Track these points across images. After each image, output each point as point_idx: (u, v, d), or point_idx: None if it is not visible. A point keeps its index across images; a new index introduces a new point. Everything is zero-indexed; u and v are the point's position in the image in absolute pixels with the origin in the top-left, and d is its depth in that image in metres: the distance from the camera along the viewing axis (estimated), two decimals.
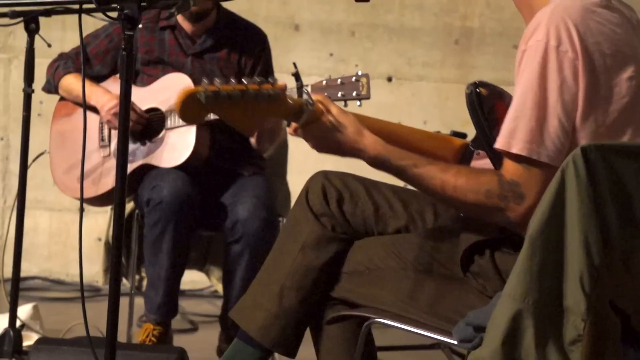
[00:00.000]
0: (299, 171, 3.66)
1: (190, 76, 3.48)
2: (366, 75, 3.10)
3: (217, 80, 2.03)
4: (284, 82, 2.13)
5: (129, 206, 3.57)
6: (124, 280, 3.64)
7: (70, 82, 3.59)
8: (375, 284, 2.23)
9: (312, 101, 2.11)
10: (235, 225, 3.37)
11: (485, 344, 1.88)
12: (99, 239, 4.46)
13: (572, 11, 2.01)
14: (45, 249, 4.82)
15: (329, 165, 2.50)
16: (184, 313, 4.17)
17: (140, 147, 3.50)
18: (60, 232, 4.82)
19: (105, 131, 3.57)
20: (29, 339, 3.25)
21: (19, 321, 3.14)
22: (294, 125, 2.14)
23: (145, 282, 3.61)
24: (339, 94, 3.11)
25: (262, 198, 3.41)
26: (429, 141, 2.28)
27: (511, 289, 1.84)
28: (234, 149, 3.55)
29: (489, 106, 2.13)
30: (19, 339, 3.08)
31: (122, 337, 3.20)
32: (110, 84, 3.59)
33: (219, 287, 3.70)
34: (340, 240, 2.29)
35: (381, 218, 2.31)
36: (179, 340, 3.55)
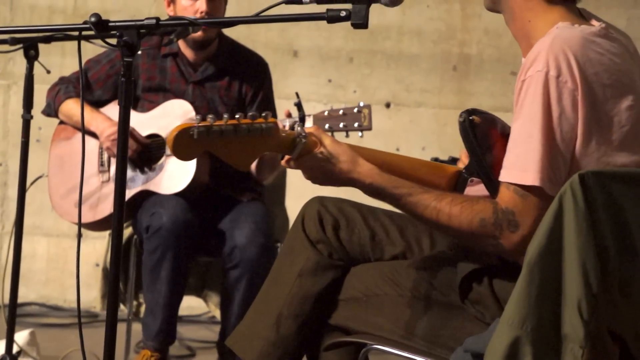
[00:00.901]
0: (297, 197, 3.65)
1: (190, 104, 3.50)
2: (368, 107, 3.12)
3: (210, 116, 2.04)
4: (275, 119, 2.14)
5: (127, 232, 3.57)
6: (121, 306, 3.63)
7: (70, 107, 3.59)
8: (372, 311, 2.22)
9: (304, 133, 2.12)
10: (233, 251, 3.37)
11: None
12: (97, 265, 4.45)
13: (571, 42, 2.01)
14: (43, 274, 4.81)
15: (326, 191, 2.50)
16: (182, 339, 4.15)
17: (139, 173, 3.51)
18: (58, 258, 4.81)
19: (105, 156, 3.57)
20: None
21: (15, 347, 3.13)
22: (287, 157, 2.14)
23: (143, 308, 3.60)
24: (341, 124, 3.13)
25: (260, 224, 3.41)
26: (423, 169, 2.28)
27: (509, 315, 1.84)
28: (233, 175, 3.55)
29: (483, 133, 2.14)
30: None
31: None
32: (111, 110, 3.60)
33: (217, 313, 3.69)
34: (337, 267, 2.29)
35: (377, 244, 2.31)
36: None
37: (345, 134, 3.18)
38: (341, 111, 3.15)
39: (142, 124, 3.52)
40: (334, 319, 2.27)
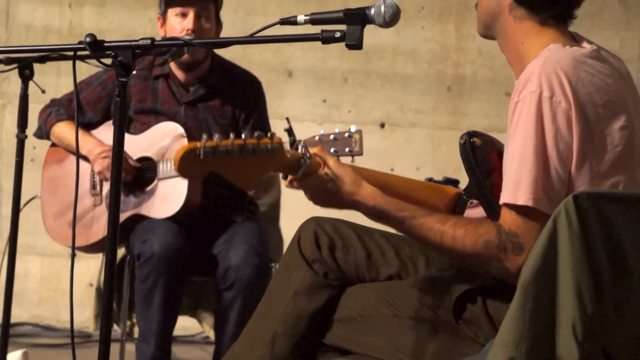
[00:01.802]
0: (292, 216, 3.66)
1: (183, 125, 3.47)
2: (359, 132, 3.11)
3: (217, 135, 2.04)
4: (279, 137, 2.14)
5: (120, 251, 3.56)
6: (114, 327, 3.61)
7: (62, 130, 3.58)
8: (367, 331, 2.22)
9: (309, 154, 2.13)
10: (228, 272, 3.36)
11: None
12: (91, 285, 4.43)
13: (563, 62, 2.03)
14: (36, 294, 4.79)
15: (322, 211, 2.50)
16: None
17: (131, 197, 3.49)
18: (51, 278, 4.80)
19: (97, 178, 3.56)
20: None
21: None
22: (290, 177, 2.15)
23: (137, 329, 3.59)
24: (332, 149, 3.12)
25: (254, 245, 3.40)
26: (422, 191, 2.29)
27: (503, 336, 1.83)
28: (227, 195, 3.54)
29: (483, 155, 2.14)
30: None
31: None
32: (102, 132, 3.58)
33: (211, 333, 3.68)
34: (332, 286, 2.28)
35: (373, 264, 2.31)
36: None
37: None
38: (332, 136, 3.14)
39: (133, 146, 3.50)
40: (329, 338, 2.27)
